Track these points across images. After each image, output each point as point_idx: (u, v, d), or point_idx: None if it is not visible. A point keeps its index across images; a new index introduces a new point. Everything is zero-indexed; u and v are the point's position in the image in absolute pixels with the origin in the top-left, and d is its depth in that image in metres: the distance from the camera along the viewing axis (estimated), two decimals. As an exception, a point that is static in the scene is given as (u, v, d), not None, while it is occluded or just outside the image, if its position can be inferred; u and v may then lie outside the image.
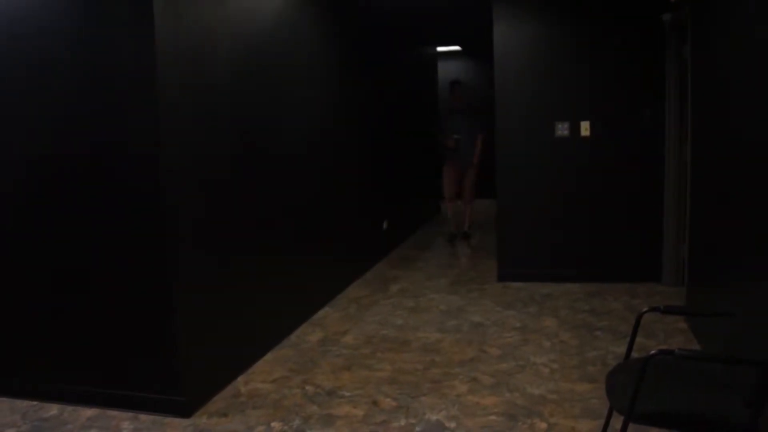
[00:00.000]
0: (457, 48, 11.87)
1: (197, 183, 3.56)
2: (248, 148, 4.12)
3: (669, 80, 5.47)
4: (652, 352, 2.14)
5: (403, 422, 3.31)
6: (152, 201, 3.35)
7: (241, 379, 3.93)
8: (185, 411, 3.45)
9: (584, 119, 5.80)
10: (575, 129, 5.82)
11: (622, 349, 4.15)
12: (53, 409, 3.56)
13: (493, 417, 3.32)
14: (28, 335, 3.68)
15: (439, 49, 11.59)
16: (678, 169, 5.49)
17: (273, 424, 3.33)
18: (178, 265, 3.40)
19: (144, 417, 3.44)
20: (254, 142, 4.21)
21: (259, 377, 3.95)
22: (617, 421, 2.33)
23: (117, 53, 3.31)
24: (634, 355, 2.74)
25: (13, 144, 3.57)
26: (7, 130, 3.57)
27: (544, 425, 3.20)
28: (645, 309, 2.69)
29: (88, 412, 3.51)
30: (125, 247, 3.43)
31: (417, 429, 3.23)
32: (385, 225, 7.50)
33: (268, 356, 4.30)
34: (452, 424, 3.26)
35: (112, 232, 3.44)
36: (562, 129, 5.84)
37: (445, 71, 12.27)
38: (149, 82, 3.25)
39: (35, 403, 3.64)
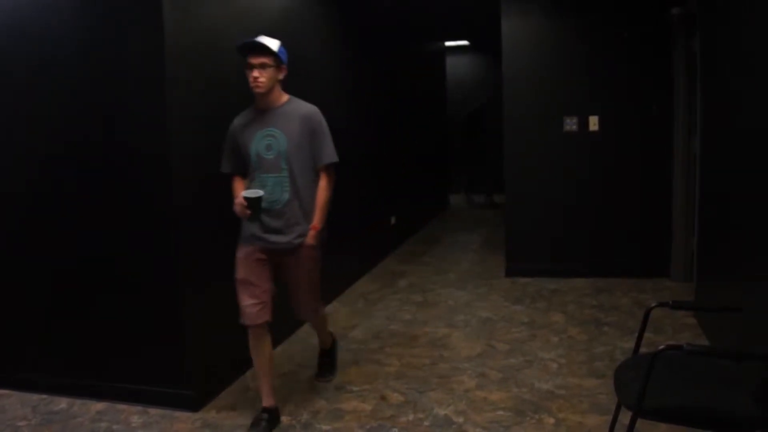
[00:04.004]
0: (465, 43, 11.84)
1: (206, 179, 3.57)
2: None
3: (678, 73, 5.44)
4: (661, 347, 2.14)
5: (411, 417, 3.31)
6: (161, 197, 3.36)
7: (249, 373, 3.94)
8: (194, 405, 3.47)
9: (593, 114, 5.78)
10: (584, 124, 5.80)
11: (630, 345, 4.13)
12: (63, 403, 3.58)
13: (500, 412, 3.32)
14: (38, 330, 3.71)
15: (448, 43, 11.55)
16: (687, 163, 5.46)
17: (281, 418, 3.34)
18: (187, 261, 3.41)
19: (153, 411, 3.46)
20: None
21: (268, 372, 3.96)
22: (625, 417, 2.33)
23: (125, 50, 3.32)
24: (643, 350, 2.72)
25: (23, 143, 3.60)
26: (18, 129, 3.60)
27: (551, 420, 3.20)
28: (653, 304, 2.68)
29: (98, 406, 3.53)
30: (134, 242, 3.45)
31: (425, 424, 3.24)
32: (393, 220, 7.50)
33: (277, 351, 4.31)
34: (460, 419, 3.26)
35: (120, 228, 3.46)
36: (571, 124, 5.82)
37: (454, 67, 12.23)
38: (158, 79, 3.26)
39: (45, 396, 3.66)
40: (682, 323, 4.52)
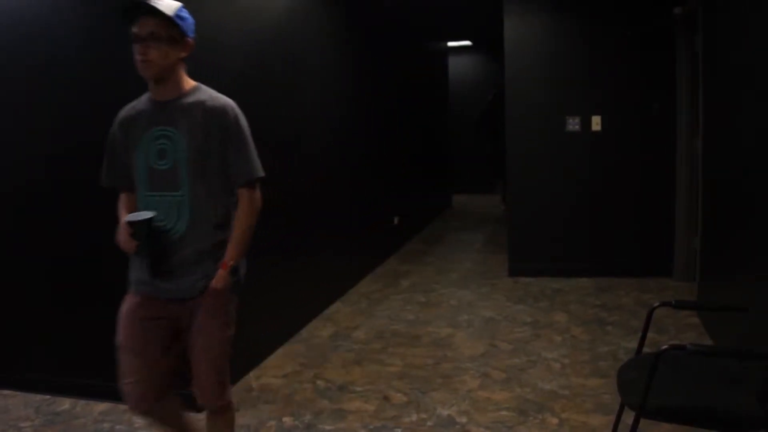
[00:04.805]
0: (467, 43, 11.83)
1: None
2: (258, 145, 4.11)
3: (680, 73, 5.43)
4: (664, 347, 2.13)
5: (414, 417, 3.31)
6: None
7: (252, 373, 3.94)
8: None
9: (595, 114, 5.77)
10: (586, 124, 5.79)
11: (633, 344, 4.12)
12: (66, 404, 3.58)
13: (504, 412, 3.32)
14: (40, 330, 3.70)
15: (450, 44, 11.54)
16: (689, 162, 5.45)
17: (284, 419, 3.33)
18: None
19: (156, 411, 3.45)
20: (263, 139, 4.20)
21: (271, 372, 3.96)
22: (629, 417, 2.32)
23: (126, 50, 3.31)
24: (646, 350, 2.71)
25: (23, 143, 3.60)
26: (18, 129, 3.59)
27: (555, 420, 3.20)
28: (656, 304, 2.67)
29: (101, 407, 3.53)
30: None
31: (428, 424, 3.23)
32: (395, 220, 7.50)
33: (280, 351, 4.31)
34: (463, 419, 3.25)
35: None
36: (573, 124, 5.81)
37: (455, 67, 12.22)
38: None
39: (48, 397, 3.66)
40: (685, 323, 4.51)
